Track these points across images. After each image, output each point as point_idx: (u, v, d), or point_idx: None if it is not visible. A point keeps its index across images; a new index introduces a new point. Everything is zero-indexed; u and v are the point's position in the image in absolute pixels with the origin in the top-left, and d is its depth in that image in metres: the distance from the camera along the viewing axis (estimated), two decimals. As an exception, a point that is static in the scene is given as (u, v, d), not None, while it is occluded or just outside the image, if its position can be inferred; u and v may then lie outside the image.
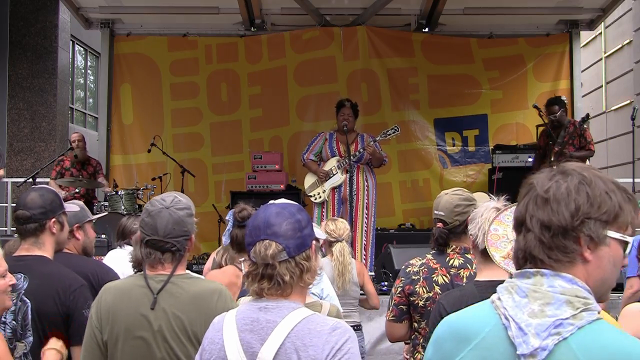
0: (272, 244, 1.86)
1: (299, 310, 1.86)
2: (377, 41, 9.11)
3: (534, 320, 1.33)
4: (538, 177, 1.43)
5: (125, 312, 2.36)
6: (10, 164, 11.05)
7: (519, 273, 1.41)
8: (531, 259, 1.40)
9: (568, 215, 1.36)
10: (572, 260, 1.37)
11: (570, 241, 1.36)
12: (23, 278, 2.76)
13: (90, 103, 17.31)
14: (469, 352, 1.41)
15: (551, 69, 9.28)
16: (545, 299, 1.34)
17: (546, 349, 1.30)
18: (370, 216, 7.21)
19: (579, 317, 1.32)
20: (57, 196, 2.97)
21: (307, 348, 1.78)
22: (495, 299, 1.42)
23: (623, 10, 13.00)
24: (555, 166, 1.45)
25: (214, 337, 1.88)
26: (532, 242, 1.39)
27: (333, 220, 4.83)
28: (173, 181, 8.48)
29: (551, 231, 1.37)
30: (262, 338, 1.81)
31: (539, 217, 1.39)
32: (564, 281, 1.36)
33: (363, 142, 7.16)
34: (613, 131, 13.57)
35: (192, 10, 8.91)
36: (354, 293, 4.77)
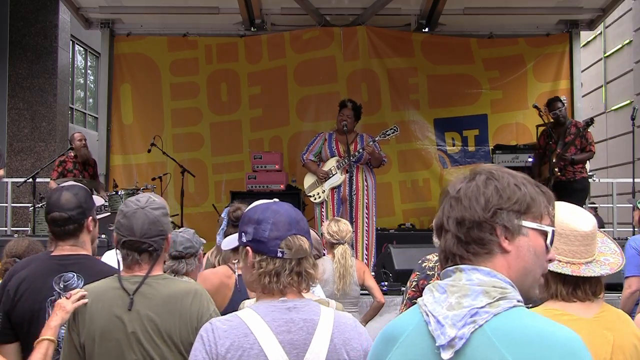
0: (304, 239, 1.89)
1: (324, 307, 1.89)
2: (377, 41, 9.11)
3: (450, 313, 1.36)
4: (451, 182, 1.49)
5: (100, 315, 2.33)
6: (10, 164, 11.06)
7: (442, 273, 1.46)
8: (451, 257, 1.44)
9: (479, 208, 1.41)
10: (490, 251, 1.41)
11: (486, 233, 1.40)
12: (76, 277, 2.71)
13: (90, 103, 17.31)
14: (395, 351, 1.44)
15: (551, 69, 9.28)
16: (462, 291, 1.37)
17: (463, 337, 1.33)
18: (370, 216, 7.21)
19: (495, 305, 1.34)
20: (88, 192, 2.91)
21: (350, 342, 1.84)
22: (420, 299, 1.46)
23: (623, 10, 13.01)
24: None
25: (240, 343, 1.76)
26: (450, 241, 1.44)
27: (336, 221, 4.81)
28: (173, 181, 8.49)
29: (465, 226, 1.41)
30: (304, 338, 1.80)
31: (453, 216, 1.43)
32: (482, 274, 1.39)
33: (362, 143, 7.17)
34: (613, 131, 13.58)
35: (192, 10, 8.91)
36: (354, 293, 4.76)
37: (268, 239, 1.86)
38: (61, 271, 2.72)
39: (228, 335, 1.78)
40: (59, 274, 2.72)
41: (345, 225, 4.73)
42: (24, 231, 8.86)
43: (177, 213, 8.21)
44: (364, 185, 7.15)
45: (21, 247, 3.85)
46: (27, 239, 4.06)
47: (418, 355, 1.40)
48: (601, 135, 13.74)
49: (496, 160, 8.31)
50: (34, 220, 7.56)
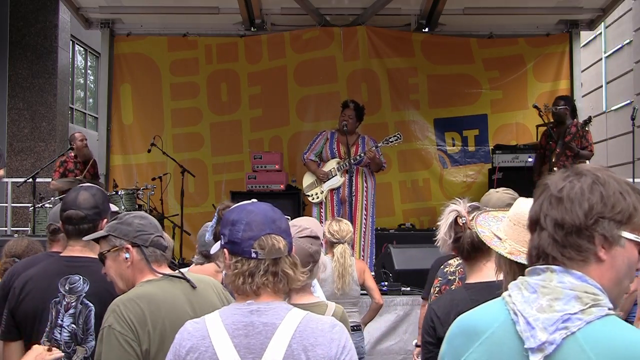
0: (279, 238, 1.85)
1: (294, 310, 1.84)
2: (377, 41, 9.10)
3: (542, 315, 1.33)
4: (552, 177, 1.45)
5: (166, 313, 2.33)
6: (10, 164, 11.06)
7: (530, 270, 1.42)
8: (544, 257, 1.41)
9: (582, 214, 1.37)
10: (586, 259, 1.37)
11: (584, 240, 1.37)
12: (82, 280, 2.69)
13: (90, 103, 17.32)
14: (477, 347, 1.42)
15: (551, 69, 9.27)
16: (554, 294, 1.35)
17: (554, 343, 1.31)
18: (369, 217, 7.22)
19: (588, 313, 1.32)
20: (105, 195, 2.92)
21: (314, 347, 1.77)
22: (506, 295, 1.43)
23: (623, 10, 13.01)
24: (568, 167, 1.46)
25: (197, 345, 1.78)
26: (545, 240, 1.40)
27: (337, 220, 4.82)
28: (173, 181, 8.49)
29: (564, 229, 1.38)
30: (261, 342, 1.76)
31: (552, 215, 1.39)
32: (574, 278, 1.36)
33: (364, 144, 7.17)
34: (613, 131, 13.58)
35: (192, 10, 8.90)
36: (354, 292, 4.76)
37: (241, 239, 1.83)
38: (68, 273, 2.71)
39: (190, 337, 1.80)
40: (66, 276, 2.70)
41: (346, 225, 4.74)
42: (23, 231, 8.86)
43: (177, 213, 8.22)
44: (364, 187, 7.15)
45: (20, 247, 3.85)
46: (26, 239, 4.06)
47: (504, 354, 1.37)
48: (601, 135, 13.73)
49: (496, 161, 8.30)
50: (34, 220, 7.56)
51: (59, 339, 2.65)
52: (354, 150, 7.06)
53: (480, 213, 2.33)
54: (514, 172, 8.11)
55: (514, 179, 7.95)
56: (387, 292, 5.99)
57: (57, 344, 2.65)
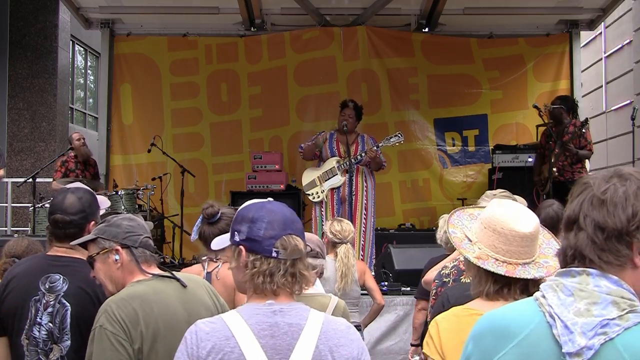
0: (299, 239, 1.84)
1: (314, 311, 1.83)
2: (377, 41, 9.10)
3: (580, 319, 1.32)
4: (594, 177, 1.44)
5: (159, 312, 2.33)
6: (10, 164, 11.06)
7: (564, 271, 1.41)
8: (580, 258, 1.39)
9: (625, 219, 1.36)
10: (623, 264, 1.37)
11: (623, 245, 1.36)
12: (62, 279, 2.71)
13: (90, 103, 17.32)
14: (511, 349, 1.40)
15: (551, 69, 9.27)
16: (591, 298, 1.34)
17: (592, 348, 1.30)
18: (369, 217, 7.21)
19: (626, 319, 1.31)
20: (93, 196, 2.92)
21: (339, 348, 1.77)
22: (540, 296, 1.42)
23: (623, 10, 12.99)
24: (612, 170, 1.45)
25: (220, 346, 1.73)
26: (583, 242, 1.39)
27: (339, 220, 4.81)
28: (173, 181, 8.49)
29: (605, 233, 1.37)
30: (287, 343, 1.75)
31: (593, 217, 1.38)
32: (610, 282, 1.35)
33: (364, 143, 7.17)
34: (613, 131, 13.57)
35: (192, 10, 8.91)
36: (355, 293, 4.76)
37: (263, 237, 1.81)
38: (50, 272, 2.73)
39: (210, 337, 1.74)
40: (47, 274, 2.73)
41: (348, 225, 4.74)
42: (24, 231, 8.86)
43: (177, 213, 8.22)
44: (364, 186, 7.15)
45: (20, 247, 3.85)
46: (26, 239, 4.06)
47: (540, 357, 1.36)
48: (601, 135, 13.73)
49: (496, 161, 8.30)
50: (34, 220, 7.56)
51: (37, 336, 2.68)
52: (353, 149, 7.06)
53: (456, 210, 2.32)
54: (514, 172, 8.12)
55: (514, 179, 7.96)
56: (387, 292, 6.00)
57: (35, 341, 2.68)
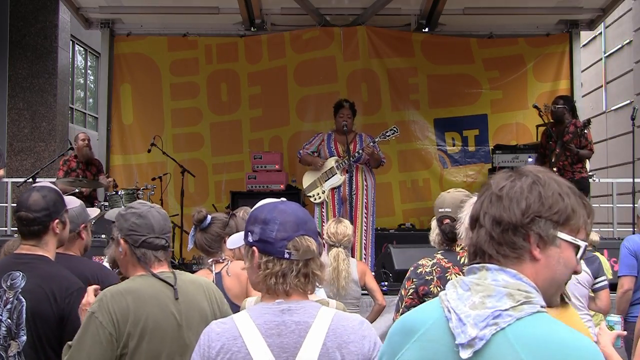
0: (311, 239, 1.84)
1: (324, 309, 1.83)
2: (377, 41, 9.10)
3: (473, 312, 1.35)
4: (495, 177, 1.48)
5: (149, 312, 2.34)
6: (10, 164, 11.05)
7: (468, 269, 1.45)
8: (480, 254, 1.43)
9: (519, 212, 1.39)
10: (520, 256, 1.40)
11: (520, 238, 1.39)
12: (21, 276, 2.74)
13: (90, 103, 17.32)
14: (412, 343, 1.44)
15: (551, 69, 9.28)
16: (486, 291, 1.37)
17: (483, 338, 1.32)
18: (369, 215, 7.21)
19: (519, 309, 1.34)
20: (59, 195, 2.94)
21: (347, 345, 1.78)
22: (442, 294, 1.45)
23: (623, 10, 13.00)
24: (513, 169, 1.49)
25: (229, 346, 1.76)
26: (482, 237, 1.43)
27: (337, 222, 4.80)
28: (173, 181, 8.49)
29: (501, 226, 1.40)
30: (295, 342, 1.76)
31: (491, 213, 1.42)
32: (508, 276, 1.38)
33: (362, 142, 7.17)
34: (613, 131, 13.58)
35: (192, 10, 8.91)
36: (355, 293, 4.76)
37: (275, 239, 1.82)
38: (12, 269, 2.77)
39: (220, 338, 1.77)
40: (9, 272, 2.76)
41: (344, 227, 4.71)
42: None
43: (177, 213, 8.21)
44: (364, 185, 7.15)
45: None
46: (26, 240, 4.06)
47: (436, 351, 1.39)
48: (601, 135, 13.73)
49: (496, 161, 8.30)
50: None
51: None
52: (352, 149, 7.06)
53: None
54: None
55: (514, 179, 7.95)
56: (387, 292, 5.99)
57: None
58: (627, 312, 4.77)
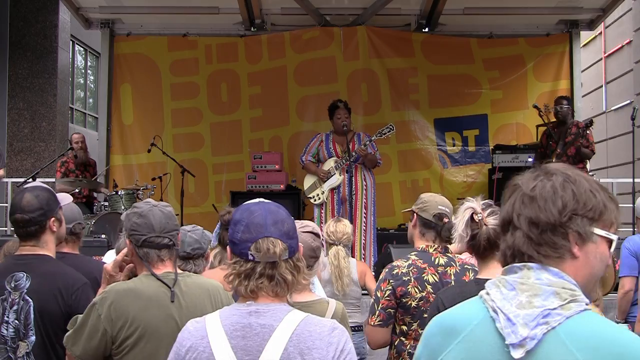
0: (277, 241, 1.82)
1: (293, 312, 1.81)
2: (377, 41, 9.11)
3: (522, 311, 1.35)
4: (522, 177, 1.47)
5: (149, 315, 2.34)
6: (10, 164, 11.04)
7: (507, 269, 1.44)
8: (519, 256, 1.43)
9: (556, 211, 1.39)
10: (561, 255, 1.40)
11: (559, 237, 1.39)
12: (25, 277, 2.75)
13: (90, 103, 17.31)
14: (456, 345, 1.42)
15: (551, 69, 9.28)
16: (532, 290, 1.37)
17: (535, 338, 1.32)
18: (369, 215, 7.21)
19: (567, 308, 1.34)
20: (51, 193, 2.94)
21: (311, 351, 1.74)
22: (484, 293, 1.45)
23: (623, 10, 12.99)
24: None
25: (196, 345, 1.77)
26: (520, 239, 1.42)
27: (336, 221, 4.80)
28: (173, 181, 8.49)
29: (539, 228, 1.40)
30: (258, 344, 1.74)
31: (526, 214, 1.41)
32: (551, 274, 1.38)
33: (359, 141, 7.17)
34: (613, 131, 13.56)
35: (192, 10, 8.91)
36: (355, 293, 4.76)
37: (240, 240, 1.82)
38: (15, 270, 2.77)
39: (190, 336, 1.80)
40: (12, 273, 2.77)
41: (343, 226, 4.71)
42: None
43: (177, 213, 8.19)
44: (363, 185, 7.15)
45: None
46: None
47: (484, 351, 1.38)
48: (601, 135, 13.72)
49: (496, 161, 8.30)
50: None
51: (5, 334, 2.72)
52: (350, 148, 7.06)
53: None
54: (514, 172, 7.97)
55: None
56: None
57: (4, 339, 2.72)
58: (627, 313, 4.77)
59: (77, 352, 2.34)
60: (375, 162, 7.21)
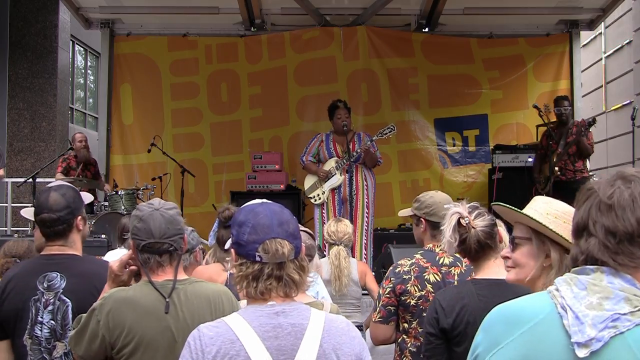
0: (285, 242, 1.82)
1: (315, 311, 1.84)
2: (377, 41, 9.10)
3: (591, 312, 1.33)
4: (598, 183, 1.44)
5: (146, 325, 2.31)
6: (10, 164, 11.05)
7: (579, 269, 1.42)
8: (592, 262, 1.40)
9: (634, 221, 1.37)
10: (638, 265, 1.38)
11: (636, 247, 1.37)
12: (59, 277, 2.72)
13: (90, 103, 17.32)
14: (520, 335, 1.41)
15: (551, 69, 9.28)
16: (604, 293, 1.35)
17: (601, 340, 1.31)
18: (370, 215, 7.22)
19: (638, 315, 1.32)
20: (76, 191, 2.91)
21: (341, 346, 1.79)
22: (553, 289, 1.43)
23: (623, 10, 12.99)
24: (616, 172, 1.45)
25: (226, 350, 1.73)
26: (595, 247, 1.40)
27: (337, 221, 4.81)
28: (173, 181, 8.49)
29: (617, 237, 1.38)
30: (292, 344, 1.75)
31: (603, 222, 1.39)
32: (624, 281, 1.36)
33: (360, 141, 7.18)
34: (613, 131, 13.56)
35: (192, 10, 8.91)
36: (355, 293, 4.76)
37: (247, 242, 1.81)
38: (46, 270, 2.74)
39: (215, 342, 1.74)
40: (44, 273, 2.74)
41: (344, 226, 4.72)
42: (24, 231, 8.85)
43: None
44: (364, 184, 7.15)
45: (21, 248, 3.85)
46: (26, 241, 4.07)
47: (548, 346, 1.37)
48: (601, 135, 13.71)
49: (496, 161, 8.30)
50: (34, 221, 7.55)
51: (39, 335, 2.69)
52: (351, 147, 7.06)
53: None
54: (514, 172, 8.12)
55: (514, 179, 7.97)
56: (387, 292, 5.99)
57: (38, 340, 2.69)
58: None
59: (80, 353, 2.35)
60: (376, 161, 7.21)
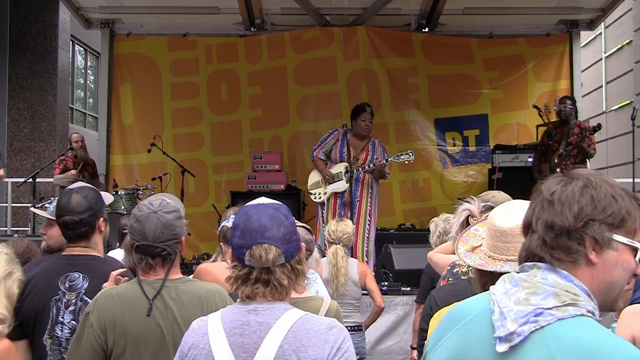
0: (271, 248, 1.82)
1: (292, 311, 1.83)
2: (377, 41, 9.10)
3: (516, 307, 1.36)
4: (546, 182, 1.47)
5: (135, 322, 2.32)
6: (10, 164, 11.05)
7: (520, 267, 1.45)
8: (532, 258, 1.43)
9: (571, 216, 1.38)
10: (575, 260, 1.39)
11: (574, 242, 1.38)
12: (82, 277, 2.73)
13: (90, 103, 17.31)
14: (455, 331, 1.46)
15: (551, 69, 9.28)
16: (533, 288, 1.37)
17: (521, 334, 1.33)
18: (372, 223, 7.21)
19: (563, 310, 1.33)
20: (97, 193, 2.92)
21: (306, 348, 1.76)
22: (492, 287, 1.46)
23: (623, 10, 13.00)
24: (569, 168, 1.48)
25: (197, 343, 1.81)
26: (535, 242, 1.42)
27: (338, 220, 4.83)
28: (173, 181, 8.48)
29: (554, 231, 1.39)
30: (255, 342, 1.76)
31: (543, 218, 1.41)
32: (559, 277, 1.38)
33: (374, 151, 7.16)
34: (613, 131, 13.56)
35: (192, 10, 8.90)
36: (355, 293, 4.76)
37: (237, 246, 1.84)
38: (68, 271, 2.74)
39: (193, 334, 1.85)
40: (66, 274, 2.74)
41: (344, 226, 4.72)
42: (23, 231, 8.85)
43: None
44: (368, 192, 7.16)
45: (20, 247, 3.85)
46: (26, 240, 4.06)
47: (475, 341, 1.41)
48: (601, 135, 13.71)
49: (496, 160, 8.30)
50: (34, 221, 7.56)
51: (59, 335, 2.69)
52: (363, 156, 7.07)
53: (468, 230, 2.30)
54: (514, 172, 8.11)
55: (514, 179, 7.96)
56: (387, 292, 6.00)
57: (58, 340, 2.68)
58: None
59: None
60: (384, 175, 7.23)
